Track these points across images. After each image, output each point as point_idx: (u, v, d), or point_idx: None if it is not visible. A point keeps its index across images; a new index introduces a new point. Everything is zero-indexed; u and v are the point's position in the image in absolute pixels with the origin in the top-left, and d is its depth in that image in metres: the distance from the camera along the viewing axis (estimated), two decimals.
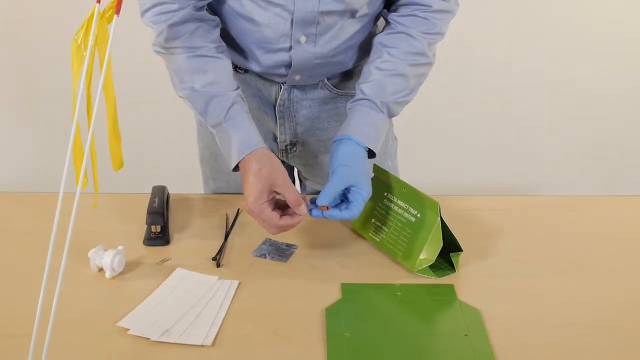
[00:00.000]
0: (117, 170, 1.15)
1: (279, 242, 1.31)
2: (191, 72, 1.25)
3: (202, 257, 1.26)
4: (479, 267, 1.25)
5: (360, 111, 1.29)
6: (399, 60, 1.30)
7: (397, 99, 1.30)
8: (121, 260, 1.20)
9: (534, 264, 1.26)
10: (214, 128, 1.27)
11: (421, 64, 1.32)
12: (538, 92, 2.74)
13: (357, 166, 1.23)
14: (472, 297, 1.15)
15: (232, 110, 1.25)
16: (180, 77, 1.26)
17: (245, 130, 1.24)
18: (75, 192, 0.91)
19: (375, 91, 1.29)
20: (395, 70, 1.30)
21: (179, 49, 1.25)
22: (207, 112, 1.26)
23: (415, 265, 1.22)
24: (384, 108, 1.29)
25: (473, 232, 1.35)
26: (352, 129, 1.26)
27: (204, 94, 1.25)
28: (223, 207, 1.43)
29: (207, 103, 1.25)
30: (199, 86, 1.25)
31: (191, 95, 1.26)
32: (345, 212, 1.20)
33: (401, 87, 1.30)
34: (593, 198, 1.51)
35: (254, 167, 1.20)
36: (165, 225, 1.32)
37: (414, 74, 1.31)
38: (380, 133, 1.29)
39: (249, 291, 1.17)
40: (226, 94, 1.26)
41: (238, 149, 1.22)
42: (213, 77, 1.26)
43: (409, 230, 1.25)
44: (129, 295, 1.15)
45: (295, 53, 1.32)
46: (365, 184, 1.22)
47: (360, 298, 1.15)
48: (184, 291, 1.16)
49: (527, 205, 1.48)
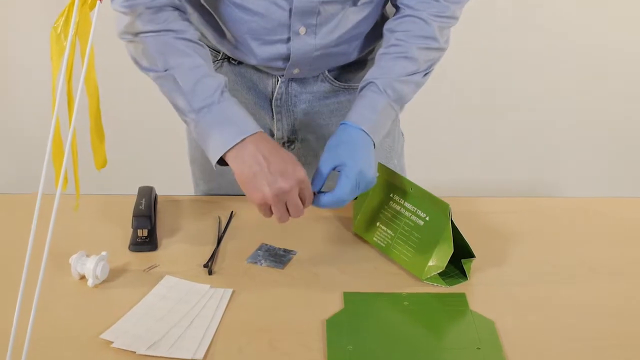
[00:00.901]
0: (100, 169, 1.15)
1: (275, 247, 1.31)
2: (178, 53, 1.23)
3: (193, 264, 1.26)
4: (492, 274, 1.25)
5: (360, 97, 1.28)
6: (406, 43, 1.30)
7: (402, 77, 1.29)
8: (105, 267, 1.20)
9: (552, 271, 1.26)
10: (199, 112, 1.21)
11: (431, 48, 1.31)
12: (555, 89, 2.75)
13: (344, 146, 1.21)
14: (486, 307, 1.16)
15: (225, 91, 1.22)
16: (165, 58, 1.23)
17: (245, 113, 1.22)
18: (55, 193, 0.91)
19: (378, 74, 1.29)
20: (403, 52, 1.30)
21: (164, 31, 1.23)
22: (196, 92, 1.21)
23: (423, 272, 1.22)
24: (388, 89, 1.27)
25: (486, 236, 1.36)
26: (348, 115, 1.26)
27: (194, 73, 1.22)
28: (215, 209, 1.43)
29: (196, 82, 1.21)
30: (188, 67, 1.23)
31: (179, 72, 1.22)
32: (327, 196, 1.18)
33: (408, 69, 1.30)
34: (615, 199, 1.51)
35: (276, 144, 1.18)
36: (152, 229, 1.32)
37: (424, 58, 1.31)
38: (380, 116, 1.26)
39: (243, 301, 1.17)
40: (216, 75, 1.24)
41: (242, 126, 1.18)
42: (200, 60, 1.24)
43: (417, 234, 1.25)
44: (114, 305, 1.15)
45: (293, 45, 1.33)
46: (348, 160, 1.18)
47: (364, 308, 1.15)
48: (173, 301, 1.16)
49: (545, 207, 1.48)
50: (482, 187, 2.79)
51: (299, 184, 1.16)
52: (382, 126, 1.28)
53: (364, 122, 1.24)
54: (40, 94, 1.89)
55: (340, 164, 1.19)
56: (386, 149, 1.51)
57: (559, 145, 2.85)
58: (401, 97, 1.30)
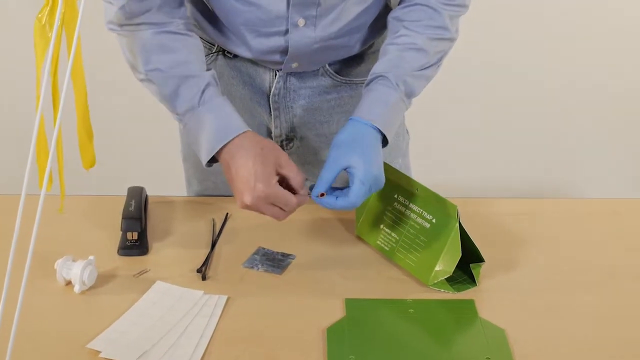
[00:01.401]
0: (87, 169, 1.15)
1: (273, 251, 1.31)
2: (159, 50, 1.24)
3: (186, 269, 1.26)
4: (503, 280, 1.25)
5: (369, 91, 1.28)
6: (416, 33, 1.30)
7: (414, 71, 1.29)
8: (92, 273, 1.20)
9: (567, 277, 1.26)
10: (184, 115, 1.24)
11: (442, 38, 1.31)
12: (573, 86, 2.75)
13: (355, 145, 1.21)
14: (496, 314, 1.15)
15: (207, 92, 1.24)
16: (146, 57, 1.24)
17: (227, 113, 1.24)
18: (40, 194, 0.90)
19: (388, 67, 1.28)
20: (413, 44, 1.29)
21: (144, 25, 1.24)
22: (178, 97, 1.24)
23: (430, 278, 1.22)
24: (400, 83, 1.27)
25: (497, 239, 1.35)
26: (357, 110, 1.25)
27: (175, 75, 1.24)
28: (209, 211, 1.43)
29: (178, 85, 1.24)
30: (168, 66, 1.24)
31: (159, 77, 1.24)
32: (340, 200, 1.18)
33: (419, 62, 1.30)
34: (634, 200, 1.51)
35: (252, 150, 1.18)
36: (143, 232, 1.32)
37: (434, 49, 1.31)
38: (391, 111, 1.26)
39: (238, 308, 1.17)
40: (200, 74, 1.25)
41: (222, 132, 1.21)
42: (185, 56, 1.25)
43: (423, 237, 1.25)
44: (101, 312, 1.15)
45: (292, 38, 1.32)
46: (361, 164, 1.18)
47: (367, 316, 1.15)
48: (165, 308, 1.16)
49: (559, 208, 1.48)
50: (492, 187, 2.79)
51: (260, 200, 1.17)
52: (394, 122, 1.28)
53: (376, 119, 1.24)
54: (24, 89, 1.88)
55: (352, 165, 1.19)
56: (390, 148, 1.50)
57: (575, 143, 2.85)
58: (412, 92, 1.30)
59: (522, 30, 2.67)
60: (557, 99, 2.78)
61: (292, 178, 1.20)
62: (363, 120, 1.23)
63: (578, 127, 2.83)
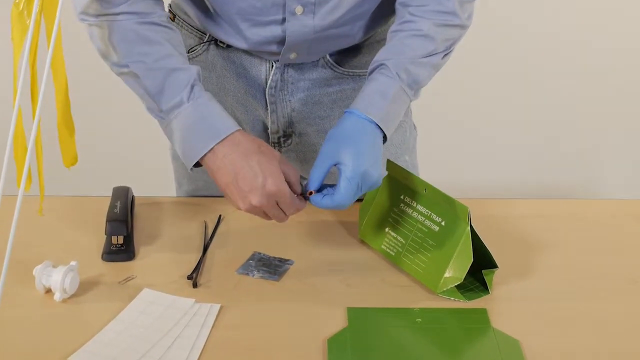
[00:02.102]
0: (69, 167, 1.15)
1: (270, 256, 1.31)
2: (141, 42, 1.24)
3: (175, 275, 1.26)
4: (518, 287, 1.25)
5: (369, 81, 1.28)
6: (422, 19, 1.29)
7: (417, 58, 1.29)
8: (74, 279, 1.20)
9: (586, 284, 1.26)
10: (169, 112, 1.23)
11: (451, 25, 1.31)
12: (590, 84, 2.76)
13: (348, 139, 1.20)
14: (510, 324, 1.15)
15: (196, 87, 1.23)
16: (127, 48, 1.23)
17: (217, 110, 1.23)
18: (17, 194, 0.90)
19: (389, 53, 1.28)
20: (417, 30, 1.29)
21: (123, 14, 1.23)
22: (164, 91, 1.23)
23: (439, 285, 1.21)
24: (401, 72, 1.27)
25: (511, 244, 1.35)
26: (355, 102, 1.25)
27: (161, 67, 1.23)
28: (201, 212, 1.43)
29: (164, 79, 1.23)
30: (152, 59, 1.24)
31: (142, 69, 1.23)
32: (326, 199, 1.18)
33: (425, 49, 1.29)
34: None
35: (251, 147, 1.18)
36: (129, 235, 1.32)
37: (442, 36, 1.30)
38: (390, 102, 1.25)
39: (232, 317, 1.17)
40: (187, 67, 1.25)
41: (213, 130, 1.20)
42: (169, 49, 1.25)
43: (432, 241, 1.25)
44: (84, 322, 1.14)
45: (289, 27, 1.32)
46: (350, 159, 1.18)
47: (371, 326, 1.15)
48: (153, 317, 1.16)
49: (577, 210, 1.48)
50: (505, 187, 2.79)
51: (270, 198, 1.17)
52: (394, 115, 1.27)
53: (374, 111, 1.23)
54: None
55: (340, 161, 1.19)
56: (396, 144, 1.51)
57: (594, 141, 2.86)
58: (416, 82, 1.29)
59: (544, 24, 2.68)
60: (576, 97, 2.79)
61: (291, 174, 1.20)
62: (359, 114, 1.23)
63: (598, 124, 2.84)
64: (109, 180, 1.54)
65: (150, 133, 2.04)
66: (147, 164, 2.28)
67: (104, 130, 2.68)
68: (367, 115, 1.23)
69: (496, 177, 2.82)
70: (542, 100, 2.80)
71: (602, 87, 2.77)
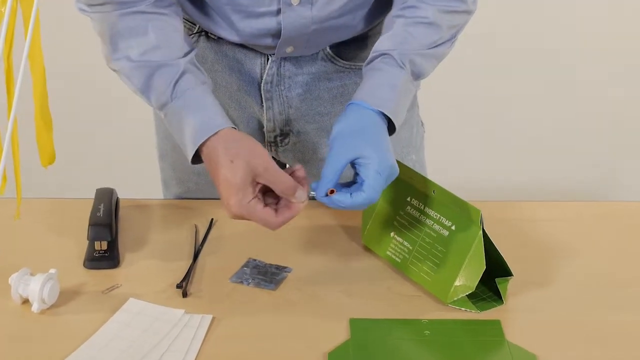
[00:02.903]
0: (46, 166, 1.15)
1: (266, 263, 1.31)
2: (127, 34, 1.25)
3: (164, 284, 1.26)
4: (534, 297, 1.24)
5: (372, 70, 1.28)
6: (427, 5, 1.30)
7: (423, 50, 1.29)
8: (54, 289, 1.19)
9: (611, 294, 1.26)
10: (162, 110, 1.27)
11: (456, 11, 1.32)
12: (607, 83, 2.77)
13: (362, 133, 1.20)
14: (526, 337, 1.15)
15: (181, 83, 1.24)
16: (114, 43, 1.25)
17: (201, 107, 1.24)
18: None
19: (393, 42, 1.29)
20: (423, 17, 1.29)
21: (108, 5, 1.24)
22: (151, 90, 1.25)
23: (448, 294, 1.22)
24: (407, 63, 1.27)
25: (527, 250, 1.35)
26: (359, 94, 1.25)
27: (145, 64, 1.25)
28: (191, 216, 1.43)
29: (149, 77, 1.25)
30: (137, 54, 1.25)
31: (127, 68, 1.26)
32: (357, 195, 1.17)
33: (430, 38, 1.30)
34: None
35: (222, 159, 1.18)
36: (113, 241, 1.32)
37: (448, 24, 1.31)
38: (399, 94, 1.26)
39: (225, 329, 1.17)
40: (174, 62, 1.25)
41: (193, 133, 1.21)
42: (155, 40, 1.25)
43: (441, 247, 1.25)
44: (64, 335, 1.14)
45: (285, 19, 1.32)
46: (374, 152, 1.18)
47: (375, 339, 1.15)
48: (139, 330, 1.16)
49: (600, 213, 1.48)
50: (521, 188, 2.79)
51: (238, 217, 1.18)
52: (403, 108, 1.28)
53: (383, 104, 1.24)
54: None
55: (363, 155, 1.18)
56: (402, 142, 1.51)
57: (615, 142, 2.86)
58: (420, 73, 1.31)
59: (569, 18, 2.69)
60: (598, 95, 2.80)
61: (275, 187, 1.18)
62: (367, 106, 1.23)
63: (622, 120, 2.84)
64: (91, 181, 1.54)
65: (136, 130, 2.05)
66: (133, 163, 2.28)
67: (86, 127, 2.69)
68: (376, 107, 1.23)
69: (511, 178, 2.82)
70: (562, 96, 2.80)
71: (623, 85, 2.78)
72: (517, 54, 2.73)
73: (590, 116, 2.83)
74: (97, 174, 1.84)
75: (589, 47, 2.75)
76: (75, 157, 2.16)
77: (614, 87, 2.79)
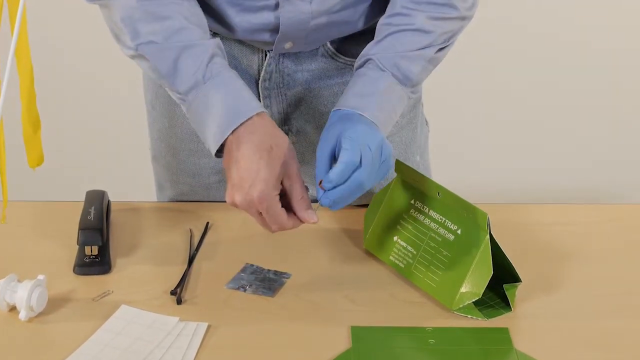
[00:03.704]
0: (34, 167, 1.15)
1: (264, 269, 1.31)
2: (148, 19, 1.24)
3: (157, 290, 1.26)
4: (544, 304, 1.24)
5: (356, 77, 1.30)
6: (416, 12, 1.31)
7: (407, 52, 1.30)
8: (42, 295, 1.19)
9: (623, 301, 1.26)
10: (188, 94, 1.25)
11: (447, 18, 1.32)
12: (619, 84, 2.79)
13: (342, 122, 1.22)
14: (535, 346, 1.15)
15: (213, 64, 1.24)
16: (133, 28, 1.25)
17: (237, 89, 1.24)
18: None
19: (377, 48, 1.30)
20: (409, 24, 1.30)
21: None
22: (177, 72, 1.24)
23: (454, 301, 1.21)
24: (387, 65, 1.29)
25: (536, 255, 1.36)
26: (342, 101, 1.27)
27: (172, 46, 1.24)
28: (186, 219, 1.43)
29: (176, 59, 1.24)
30: (162, 37, 1.24)
31: (152, 51, 1.25)
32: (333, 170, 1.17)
33: (417, 44, 1.31)
34: None
35: (263, 144, 1.19)
36: (104, 245, 1.32)
37: (439, 30, 1.32)
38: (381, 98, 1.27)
39: (221, 337, 1.17)
40: (203, 42, 1.25)
41: (233, 113, 1.21)
42: (180, 23, 1.25)
43: (446, 252, 1.25)
44: (53, 344, 1.14)
45: (283, 13, 1.32)
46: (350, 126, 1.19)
47: (378, 347, 1.15)
48: (132, 338, 1.15)
49: (612, 217, 1.48)
50: (530, 190, 2.79)
51: (252, 204, 1.17)
52: (389, 114, 1.28)
53: (364, 107, 1.24)
54: None
55: (341, 134, 1.19)
56: (405, 143, 1.51)
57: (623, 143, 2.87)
58: (409, 77, 1.31)
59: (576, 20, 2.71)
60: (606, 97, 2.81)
61: (294, 193, 1.20)
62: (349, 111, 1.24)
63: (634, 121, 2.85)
64: (81, 183, 1.54)
65: (128, 131, 2.04)
66: (125, 165, 2.28)
67: (76, 127, 2.68)
68: (357, 111, 1.24)
69: (519, 180, 2.82)
70: (573, 97, 2.81)
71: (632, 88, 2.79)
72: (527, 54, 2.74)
73: (602, 117, 2.83)
74: (87, 176, 1.83)
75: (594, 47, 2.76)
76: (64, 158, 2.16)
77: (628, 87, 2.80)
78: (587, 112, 2.83)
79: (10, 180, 1.08)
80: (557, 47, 2.76)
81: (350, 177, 1.17)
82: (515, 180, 2.82)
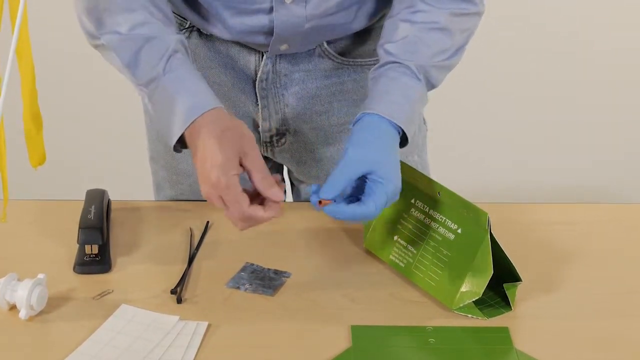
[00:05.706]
0: (36, 167, 1.15)
1: (264, 268, 1.31)
2: (115, 11, 1.25)
3: (157, 289, 1.26)
4: (544, 303, 1.25)
5: (386, 77, 1.28)
6: (437, 9, 1.30)
7: (438, 61, 1.30)
8: (42, 294, 1.19)
9: (623, 300, 1.26)
10: (147, 86, 1.26)
11: (467, 13, 1.32)
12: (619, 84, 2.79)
13: (379, 147, 1.20)
14: (535, 345, 1.15)
15: (174, 58, 1.24)
16: (99, 20, 1.26)
17: (194, 85, 1.24)
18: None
19: (407, 51, 1.29)
20: (434, 22, 1.30)
21: None
22: (138, 63, 1.25)
23: (454, 300, 1.22)
24: (421, 74, 1.28)
25: (536, 254, 1.36)
26: (373, 103, 1.25)
27: (134, 37, 1.25)
28: (186, 218, 1.43)
29: (137, 50, 1.25)
30: (126, 28, 1.25)
31: (115, 41, 1.26)
32: (357, 207, 1.17)
33: (443, 45, 1.30)
34: None
35: (214, 130, 1.19)
36: (104, 244, 1.32)
37: (459, 27, 1.31)
38: (414, 107, 1.27)
39: (221, 337, 1.17)
40: (165, 36, 1.26)
41: (186, 109, 1.21)
42: (144, 17, 1.26)
43: (447, 251, 1.25)
44: (53, 343, 1.14)
45: (278, 17, 1.32)
46: (389, 172, 1.18)
47: (377, 346, 1.15)
48: (132, 337, 1.15)
49: (612, 216, 1.48)
50: (530, 189, 2.79)
51: (214, 190, 1.17)
52: (415, 121, 1.29)
53: (398, 116, 1.24)
54: None
55: (374, 171, 1.18)
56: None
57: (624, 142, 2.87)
58: (434, 85, 1.32)
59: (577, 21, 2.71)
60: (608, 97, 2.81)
61: (254, 175, 1.18)
62: (382, 117, 1.23)
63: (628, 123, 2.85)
64: (81, 182, 1.54)
65: (129, 130, 2.04)
66: (126, 164, 2.28)
67: (76, 126, 2.68)
68: (392, 119, 1.23)
69: (519, 179, 2.82)
70: (572, 96, 2.81)
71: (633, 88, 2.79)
72: (526, 53, 2.74)
73: (602, 117, 2.83)
74: (87, 175, 1.83)
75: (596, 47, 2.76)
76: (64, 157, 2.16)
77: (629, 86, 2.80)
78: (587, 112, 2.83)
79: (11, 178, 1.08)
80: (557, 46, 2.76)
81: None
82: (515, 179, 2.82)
